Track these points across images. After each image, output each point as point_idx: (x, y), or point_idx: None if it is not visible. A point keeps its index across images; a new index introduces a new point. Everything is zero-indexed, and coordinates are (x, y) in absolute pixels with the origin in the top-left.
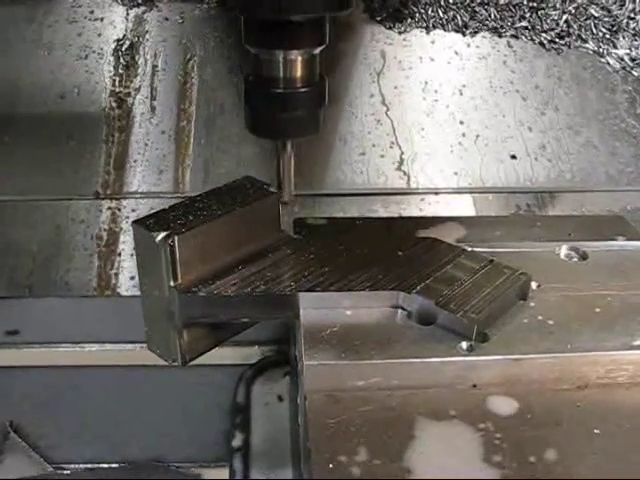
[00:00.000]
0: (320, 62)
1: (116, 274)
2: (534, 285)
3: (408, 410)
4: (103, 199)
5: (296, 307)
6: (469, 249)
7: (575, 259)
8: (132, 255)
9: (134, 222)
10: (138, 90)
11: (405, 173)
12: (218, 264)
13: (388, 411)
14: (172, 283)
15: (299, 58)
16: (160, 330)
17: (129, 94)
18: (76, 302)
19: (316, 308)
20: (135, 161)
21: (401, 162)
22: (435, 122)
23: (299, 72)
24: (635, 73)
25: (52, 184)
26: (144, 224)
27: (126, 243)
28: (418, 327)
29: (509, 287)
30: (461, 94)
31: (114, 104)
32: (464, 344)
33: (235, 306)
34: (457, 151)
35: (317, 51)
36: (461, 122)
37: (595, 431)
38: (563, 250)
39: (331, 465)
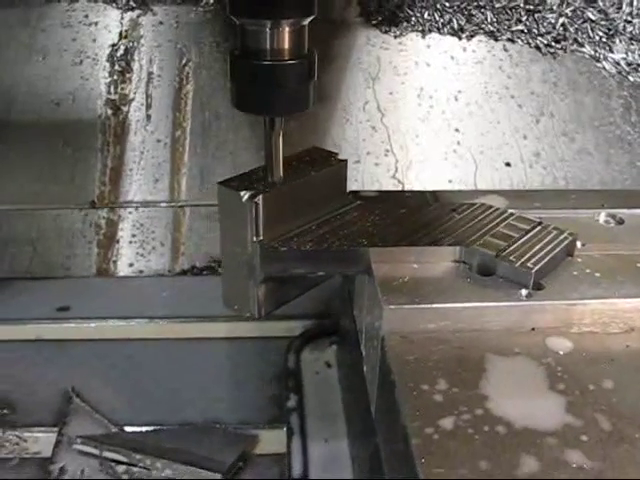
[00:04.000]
0: (308, 35)
1: (115, 261)
2: (579, 244)
3: (476, 348)
4: (99, 208)
5: (367, 261)
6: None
7: (612, 224)
8: (130, 242)
9: (219, 183)
10: (133, 97)
11: (400, 181)
12: (295, 223)
13: (459, 350)
14: (255, 239)
15: (287, 29)
16: (239, 286)
17: (124, 101)
18: (119, 281)
19: (386, 262)
20: (131, 170)
21: (396, 170)
22: (430, 129)
23: (287, 44)
24: (631, 78)
25: (47, 193)
26: (230, 185)
27: (124, 230)
28: (480, 277)
29: (558, 244)
30: (456, 100)
31: (109, 111)
32: (523, 291)
33: (312, 261)
34: (452, 158)
35: (306, 22)
36: (456, 129)
37: None
38: (602, 216)
39: (415, 393)
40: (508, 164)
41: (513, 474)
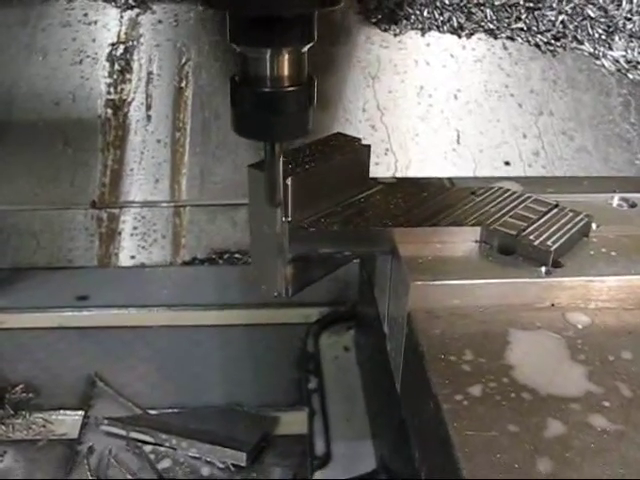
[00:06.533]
0: (308, 61)
1: (116, 253)
2: (594, 226)
3: (499, 323)
4: (100, 209)
5: (392, 241)
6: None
7: (625, 207)
8: (132, 235)
9: (250, 166)
10: (133, 97)
11: None
12: (321, 205)
13: (482, 324)
14: (284, 220)
15: (287, 56)
16: (267, 266)
17: (124, 101)
18: (135, 271)
19: (410, 242)
20: (131, 170)
21: (395, 169)
22: (430, 128)
23: (287, 71)
24: (630, 76)
25: (47, 194)
26: (260, 167)
27: (126, 223)
28: (500, 256)
29: (574, 225)
30: (456, 98)
31: (109, 111)
32: (543, 269)
33: (339, 241)
34: (451, 157)
35: (305, 49)
36: (456, 129)
37: None
38: (615, 200)
39: (443, 363)
40: (507, 163)
41: (541, 436)
